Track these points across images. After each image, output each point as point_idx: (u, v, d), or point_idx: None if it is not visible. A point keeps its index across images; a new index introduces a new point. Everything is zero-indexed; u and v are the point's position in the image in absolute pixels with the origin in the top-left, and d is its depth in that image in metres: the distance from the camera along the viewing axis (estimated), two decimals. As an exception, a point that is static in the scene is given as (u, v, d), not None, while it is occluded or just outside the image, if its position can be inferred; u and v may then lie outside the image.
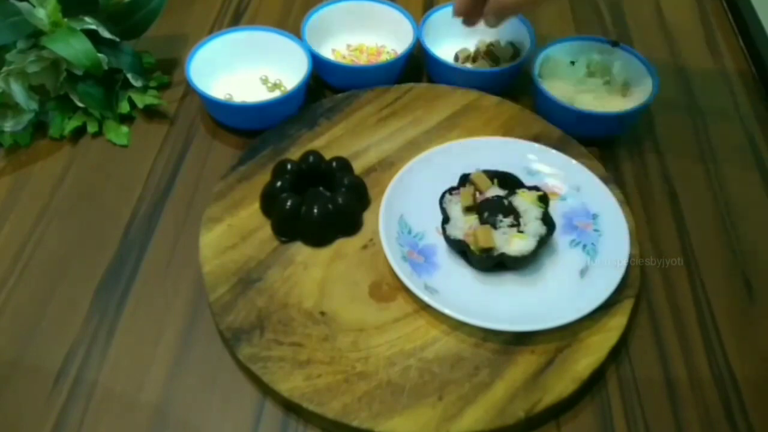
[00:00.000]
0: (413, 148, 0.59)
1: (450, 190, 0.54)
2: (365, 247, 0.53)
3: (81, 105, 0.61)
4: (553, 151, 0.57)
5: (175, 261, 0.53)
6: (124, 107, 0.63)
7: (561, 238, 0.53)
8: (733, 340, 0.50)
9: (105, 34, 0.60)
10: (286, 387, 0.45)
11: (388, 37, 0.69)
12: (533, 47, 0.64)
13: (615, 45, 0.64)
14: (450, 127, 0.61)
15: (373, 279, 0.51)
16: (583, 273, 0.51)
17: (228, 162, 0.58)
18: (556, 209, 0.54)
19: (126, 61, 0.62)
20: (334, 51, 0.68)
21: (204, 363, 0.48)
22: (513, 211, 0.51)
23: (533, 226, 0.51)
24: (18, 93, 0.58)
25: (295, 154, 0.57)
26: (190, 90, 0.65)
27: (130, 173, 0.59)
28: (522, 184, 0.54)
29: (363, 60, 0.68)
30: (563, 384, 0.45)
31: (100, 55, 0.58)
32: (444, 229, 0.52)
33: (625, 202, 0.55)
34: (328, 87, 0.66)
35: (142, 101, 0.63)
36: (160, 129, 0.63)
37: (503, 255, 0.49)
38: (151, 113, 0.64)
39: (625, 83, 0.62)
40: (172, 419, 0.45)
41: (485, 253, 0.49)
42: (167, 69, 0.68)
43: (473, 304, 0.49)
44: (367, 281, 0.51)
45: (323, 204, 0.52)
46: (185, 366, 0.48)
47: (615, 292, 0.49)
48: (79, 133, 0.62)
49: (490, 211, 0.51)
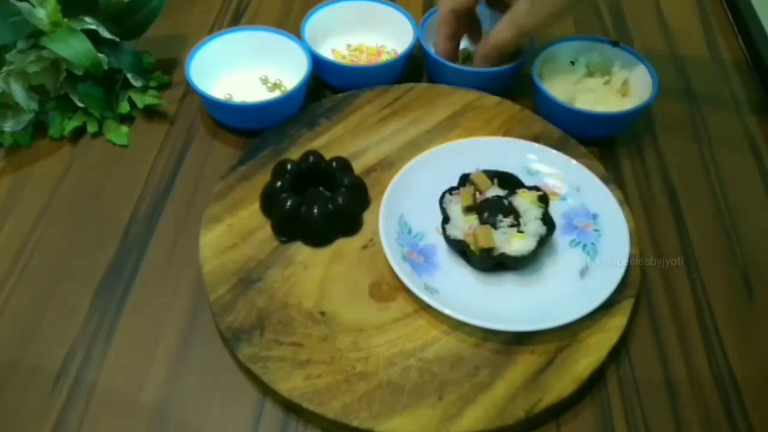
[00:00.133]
0: (413, 148, 0.59)
1: (450, 190, 0.54)
2: (365, 247, 0.53)
3: (81, 105, 0.61)
4: (553, 151, 0.57)
5: (175, 261, 0.53)
6: (124, 107, 0.63)
7: (561, 238, 0.53)
8: (733, 340, 0.50)
9: (105, 34, 0.60)
10: (286, 387, 0.45)
11: (388, 37, 0.69)
12: (533, 47, 0.64)
13: (615, 45, 0.64)
14: (450, 127, 0.61)
15: (373, 279, 0.51)
16: (583, 273, 0.51)
17: (228, 162, 0.58)
18: (556, 209, 0.54)
19: (126, 61, 0.62)
20: (334, 51, 0.68)
21: (204, 363, 0.48)
22: (513, 211, 0.51)
23: (533, 226, 0.51)
24: (18, 93, 0.58)
25: (295, 154, 0.57)
26: (190, 90, 0.65)
27: (130, 173, 0.59)
28: (522, 184, 0.54)
29: (363, 60, 0.68)
30: (563, 384, 0.45)
31: (100, 55, 0.58)
32: (444, 229, 0.52)
33: (625, 202, 0.55)
34: (328, 87, 0.66)
35: (142, 101, 0.63)
36: (160, 129, 0.63)
37: (503, 255, 0.49)
38: (151, 113, 0.64)
39: (625, 83, 0.62)
40: (172, 419, 0.45)
41: (485, 253, 0.49)
42: (167, 69, 0.68)
43: (473, 304, 0.49)
44: (367, 281, 0.51)
45: (323, 204, 0.52)
46: (185, 366, 0.48)
47: (615, 292, 0.48)
48: (79, 133, 0.62)
49: (490, 211, 0.51)
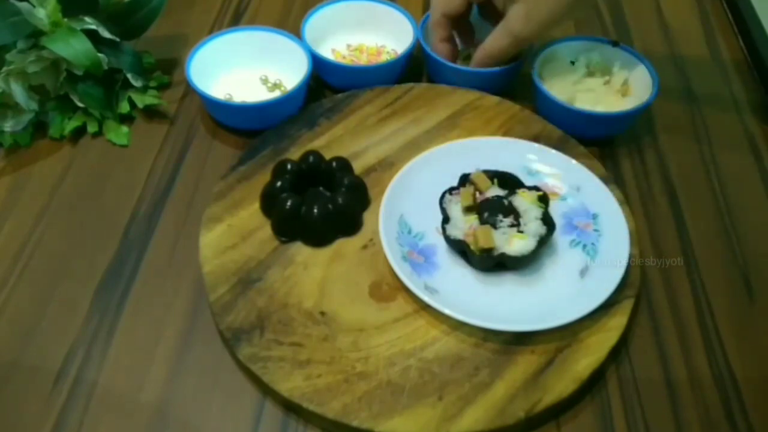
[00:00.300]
0: (413, 148, 0.59)
1: (450, 190, 0.54)
2: (365, 247, 0.53)
3: (81, 105, 0.61)
4: (553, 151, 0.57)
5: (175, 261, 0.53)
6: (124, 107, 0.63)
7: (561, 238, 0.53)
8: (733, 340, 0.50)
9: (105, 34, 0.60)
10: (286, 387, 0.45)
11: (388, 37, 0.69)
12: (533, 47, 0.64)
13: (615, 45, 0.64)
14: (450, 127, 0.61)
15: (373, 279, 0.51)
16: (583, 273, 0.51)
17: (228, 162, 0.58)
18: (556, 209, 0.54)
19: (126, 61, 0.62)
20: (334, 51, 0.68)
21: (204, 363, 0.48)
22: (513, 211, 0.51)
23: (533, 226, 0.50)
24: (18, 93, 0.58)
25: (295, 154, 0.57)
26: (190, 90, 0.65)
27: (130, 173, 0.59)
28: (522, 184, 0.54)
29: (363, 60, 0.68)
30: (563, 384, 0.45)
31: (100, 55, 0.58)
32: (444, 229, 0.52)
33: (625, 202, 0.55)
34: (328, 87, 0.66)
35: (142, 101, 0.63)
36: (160, 129, 0.63)
37: (503, 255, 0.49)
38: (151, 113, 0.64)
39: (625, 83, 0.62)
40: (172, 419, 0.45)
41: (485, 253, 0.49)
42: (167, 69, 0.68)
43: (473, 304, 0.49)
44: (367, 281, 0.51)
45: (323, 204, 0.52)
46: (185, 366, 0.48)
47: (615, 292, 0.48)
48: (79, 133, 0.62)
49: (490, 211, 0.51)
